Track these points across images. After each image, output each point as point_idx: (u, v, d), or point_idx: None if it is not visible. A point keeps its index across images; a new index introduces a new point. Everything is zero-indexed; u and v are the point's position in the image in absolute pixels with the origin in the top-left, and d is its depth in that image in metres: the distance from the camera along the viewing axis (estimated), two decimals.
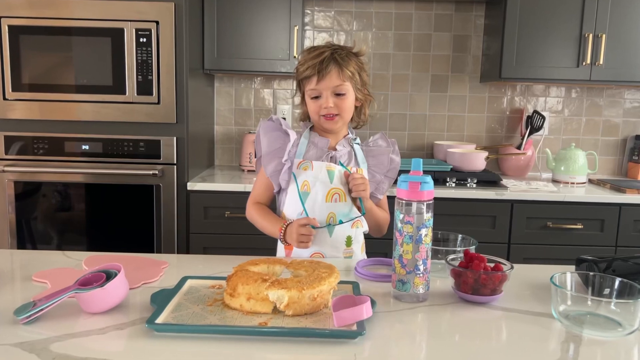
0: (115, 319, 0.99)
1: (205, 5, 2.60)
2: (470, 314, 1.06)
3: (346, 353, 0.88)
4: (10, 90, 2.35)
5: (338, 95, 1.48)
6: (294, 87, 1.59)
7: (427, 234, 1.09)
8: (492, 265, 1.15)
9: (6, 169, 2.37)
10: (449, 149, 2.79)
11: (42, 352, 0.86)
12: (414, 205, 1.09)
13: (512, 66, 2.64)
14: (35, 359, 0.84)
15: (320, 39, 2.98)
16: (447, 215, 2.41)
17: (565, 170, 2.74)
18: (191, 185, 2.43)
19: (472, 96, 3.05)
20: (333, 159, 1.53)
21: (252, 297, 1.00)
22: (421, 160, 1.12)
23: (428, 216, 1.09)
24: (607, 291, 1.06)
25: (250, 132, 2.87)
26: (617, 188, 2.57)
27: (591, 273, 1.11)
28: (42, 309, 0.97)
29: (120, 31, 2.32)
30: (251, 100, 3.04)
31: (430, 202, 1.10)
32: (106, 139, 2.38)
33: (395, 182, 1.35)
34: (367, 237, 1.60)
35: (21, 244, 2.44)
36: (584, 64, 2.62)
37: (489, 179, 2.62)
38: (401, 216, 1.10)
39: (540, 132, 2.95)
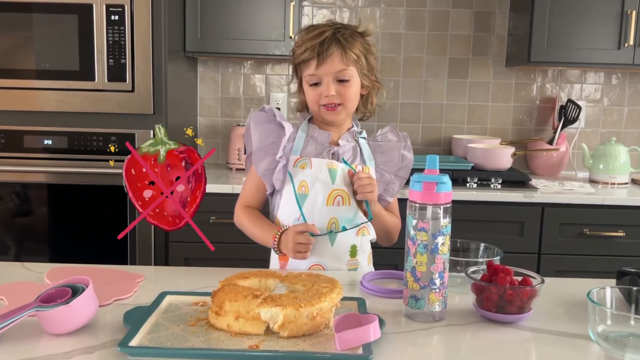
0: (83, 341, 0.99)
1: None
2: (494, 336, 1.06)
3: None
4: None
5: (341, 81, 1.48)
6: (290, 73, 1.59)
7: (444, 242, 1.09)
8: (519, 279, 1.15)
9: None
10: (470, 144, 2.80)
11: None
12: (429, 209, 1.09)
13: (542, 48, 2.64)
14: None
15: (321, 17, 2.98)
16: (467, 220, 2.41)
17: (604, 168, 2.74)
18: None
19: (496, 83, 3.05)
20: (335, 156, 1.53)
21: (242, 315, 1.00)
22: (437, 157, 1.13)
23: (445, 222, 1.09)
24: None
25: (239, 125, 2.88)
26: None
27: (634, 288, 1.11)
28: None
29: (89, 7, 2.31)
30: (240, 87, 3.04)
31: (448, 205, 1.10)
32: (72, 132, 2.38)
33: (408, 182, 1.35)
34: (374, 246, 1.60)
35: None
36: (626, 45, 2.62)
37: (516, 179, 2.62)
38: (414, 222, 1.10)
39: (576, 125, 2.95)
